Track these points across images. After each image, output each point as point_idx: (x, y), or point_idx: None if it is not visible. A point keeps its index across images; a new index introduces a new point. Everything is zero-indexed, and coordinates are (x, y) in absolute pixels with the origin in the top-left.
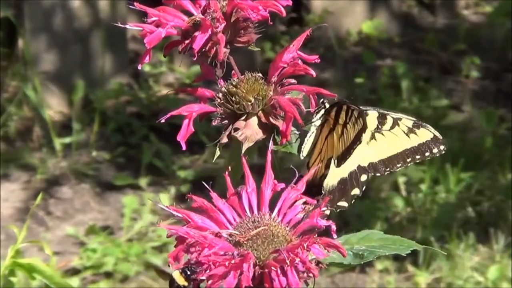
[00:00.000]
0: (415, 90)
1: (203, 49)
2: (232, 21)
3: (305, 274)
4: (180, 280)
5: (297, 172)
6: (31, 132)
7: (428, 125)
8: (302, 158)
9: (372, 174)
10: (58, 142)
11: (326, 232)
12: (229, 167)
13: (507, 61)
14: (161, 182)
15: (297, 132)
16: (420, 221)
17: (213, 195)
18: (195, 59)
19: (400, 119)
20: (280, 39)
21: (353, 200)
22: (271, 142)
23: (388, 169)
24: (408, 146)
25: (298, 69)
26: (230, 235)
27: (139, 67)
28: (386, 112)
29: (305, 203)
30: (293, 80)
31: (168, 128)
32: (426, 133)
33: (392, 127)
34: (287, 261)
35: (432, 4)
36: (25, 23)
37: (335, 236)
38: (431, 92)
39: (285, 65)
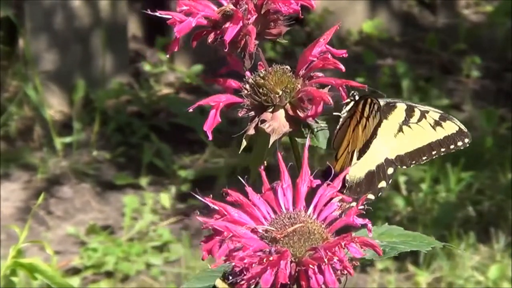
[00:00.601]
0: (415, 90)
1: (233, 41)
2: (262, 13)
3: (339, 272)
4: (222, 285)
5: (332, 169)
6: (31, 132)
7: (454, 118)
8: (330, 150)
9: (399, 166)
10: (58, 142)
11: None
12: (265, 163)
13: (508, 61)
14: (161, 181)
15: (324, 125)
16: (421, 221)
17: (249, 189)
18: (225, 50)
19: (427, 111)
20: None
21: (380, 193)
22: (308, 137)
23: (414, 161)
24: (434, 139)
25: (327, 63)
26: (266, 231)
27: (167, 56)
28: (414, 104)
29: (341, 200)
30: (320, 74)
31: (169, 127)
32: (452, 126)
33: (419, 120)
34: (325, 259)
35: (433, 3)
36: (26, 23)
37: (371, 234)
38: (431, 92)
39: (314, 59)
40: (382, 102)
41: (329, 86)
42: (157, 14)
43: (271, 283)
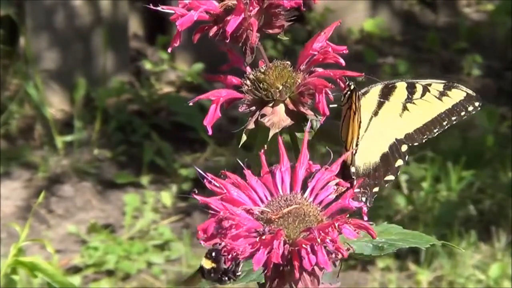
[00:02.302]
0: None
1: (234, 34)
2: (264, 7)
3: (333, 255)
4: (207, 264)
5: (332, 154)
6: (32, 130)
7: (460, 85)
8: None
9: (410, 144)
10: (59, 140)
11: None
12: (265, 146)
13: (509, 60)
14: (162, 180)
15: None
16: (422, 219)
17: (247, 172)
18: (227, 42)
19: (429, 84)
20: (280, 37)
21: (399, 172)
22: (309, 122)
23: (425, 136)
24: (442, 110)
25: (328, 57)
26: (262, 212)
27: (169, 50)
28: (414, 81)
29: (337, 184)
30: (320, 69)
31: (170, 126)
32: (458, 93)
33: (423, 95)
34: (318, 240)
35: (434, 2)
36: (27, 21)
37: (365, 217)
38: None
39: (315, 53)
40: (380, 84)
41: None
42: (159, 9)
43: (264, 262)
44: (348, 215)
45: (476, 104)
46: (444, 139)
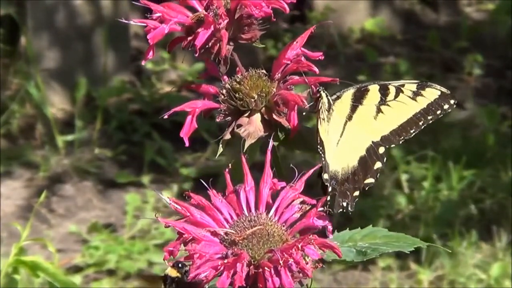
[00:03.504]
0: None
1: (207, 46)
2: (235, 17)
3: (301, 274)
4: (172, 273)
5: (296, 171)
6: (33, 130)
7: (433, 84)
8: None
9: (387, 146)
10: (60, 140)
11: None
12: (230, 165)
13: (510, 59)
14: (163, 179)
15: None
16: (423, 219)
17: (211, 193)
18: (197, 55)
19: (402, 85)
20: (282, 37)
21: (378, 174)
22: (271, 141)
23: (402, 137)
24: (417, 110)
25: (301, 66)
26: (226, 233)
27: (143, 63)
28: (386, 82)
29: (302, 202)
30: (296, 77)
31: (171, 125)
32: (433, 92)
33: (396, 96)
34: (281, 262)
35: (435, 1)
36: (28, 21)
37: (331, 236)
38: None
39: (289, 62)
40: (353, 89)
41: (309, 90)
42: (131, 22)
43: (229, 284)
44: (311, 235)
45: (452, 101)
46: (445, 139)
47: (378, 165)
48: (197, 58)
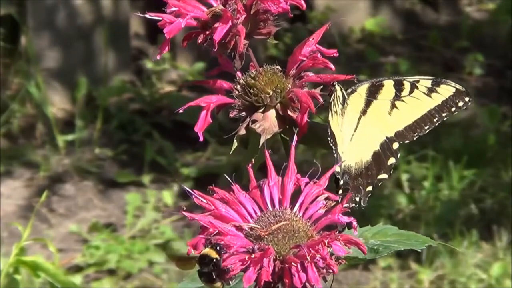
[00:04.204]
0: None
1: (223, 41)
2: (252, 13)
3: (325, 270)
4: (212, 253)
5: (320, 167)
6: (34, 129)
7: (448, 80)
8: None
9: (401, 142)
10: (61, 139)
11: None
12: (253, 160)
13: (510, 58)
14: (164, 179)
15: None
16: (423, 218)
17: (235, 187)
18: (215, 50)
19: (417, 81)
20: (283, 36)
21: (392, 170)
22: (295, 136)
23: (416, 133)
24: (432, 106)
25: (317, 63)
26: (251, 228)
27: (158, 57)
28: (401, 78)
29: (327, 198)
30: (311, 73)
31: (171, 125)
32: (448, 89)
33: (411, 92)
34: (308, 257)
35: (435, 1)
36: (28, 20)
37: (356, 232)
38: None
39: (304, 58)
40: (367, 83)
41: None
42: (147, 16)
43: (255, 280)
44: (337, 231)
45: (466, 99)
46: (445, 138)
47: (392, 160)
48: (196, 59)
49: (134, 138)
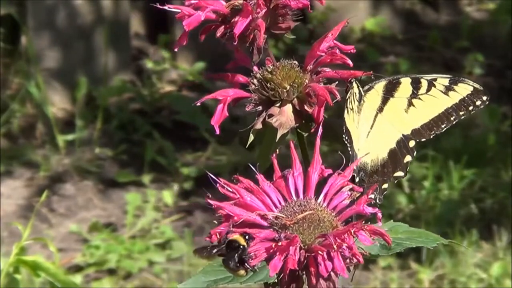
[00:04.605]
0: None
1: (242, 35)
2: (271, 7)
3: (348, 261)
4: (240, 240)
5: (344, 159)
6: (34, 129)
7: (466, 79)
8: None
9: (418, 140)
10: (61, 139)
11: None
12: (277, 151)
13: (510, 58)
14: (164, 179)
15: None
16: (423, 218)
17: (259, 177)
18: (235, 43)
19: (435, 79)
20: (283, 36)
21: (407, 168)
22: (320, 128)
23: (433, 132)
24: (449, 105)
25: (335, 58)
26: (276, 217)
27: (176, 50)
28: (419, 76)
29: (351, 189)
30: (328, 69)
31: (171, 125)
32: (465, 87)
33: (428, 90)
34: (334, 246)
35: (435, 1)
36: (28, 20)
37: (380, 223)
38: None
39: (322, 54)
40: (384, 81)
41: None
42: (166, 8)
43: (280, 268)
44: (363, 221)
45: (484, 98)
46: (445, 138)
47: (408, 158)
48: (196, 58)
49: (134, 138)
